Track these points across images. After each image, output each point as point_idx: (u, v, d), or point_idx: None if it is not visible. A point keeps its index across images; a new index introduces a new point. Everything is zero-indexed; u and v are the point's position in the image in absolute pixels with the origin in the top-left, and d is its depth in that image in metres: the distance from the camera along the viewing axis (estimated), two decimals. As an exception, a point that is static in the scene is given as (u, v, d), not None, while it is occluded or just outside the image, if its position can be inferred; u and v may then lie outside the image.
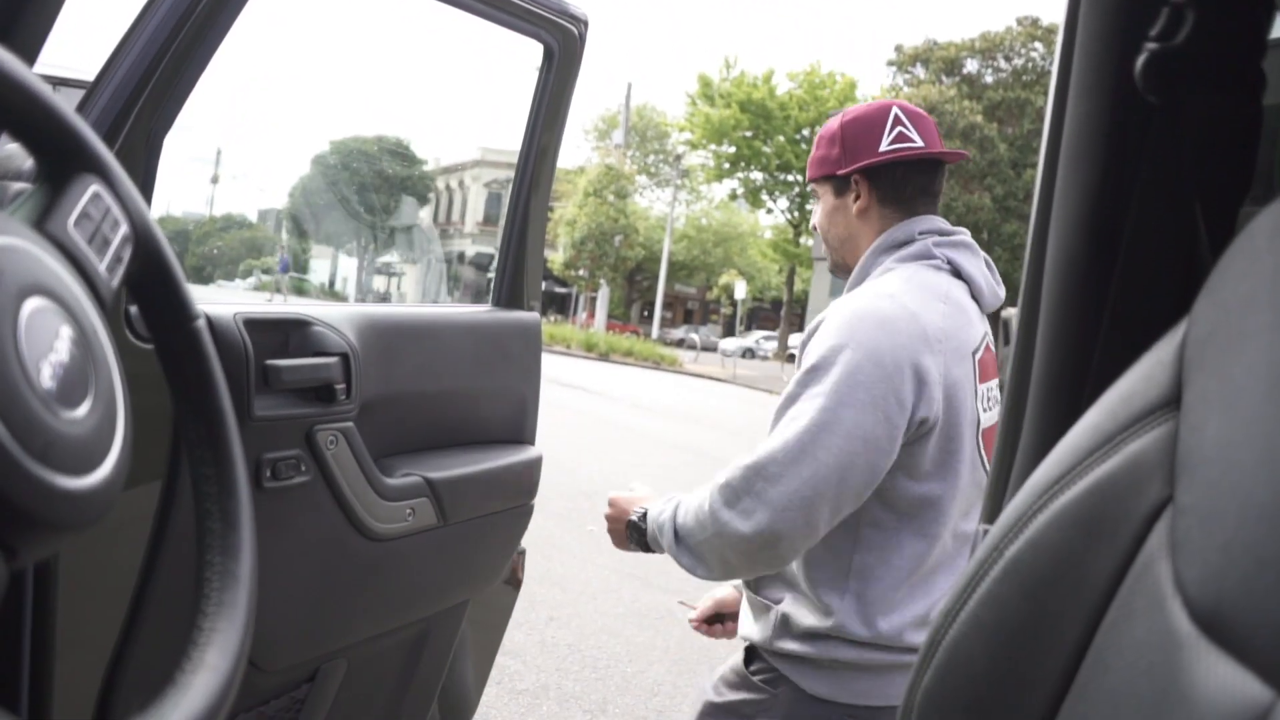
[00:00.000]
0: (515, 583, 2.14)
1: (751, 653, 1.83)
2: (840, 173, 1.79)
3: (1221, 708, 0.51)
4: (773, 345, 40.29)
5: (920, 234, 1.78)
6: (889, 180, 1.79)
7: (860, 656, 1.68)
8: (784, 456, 1.55)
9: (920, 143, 1.77)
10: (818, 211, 1.86)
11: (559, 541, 6.38)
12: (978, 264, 1.82)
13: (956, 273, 1.78)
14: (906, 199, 1.80)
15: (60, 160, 0.70)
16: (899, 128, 1.77)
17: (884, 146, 1.77)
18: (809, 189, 1.88)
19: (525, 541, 2.12)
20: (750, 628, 1.81)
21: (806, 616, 1.71)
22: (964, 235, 1.83)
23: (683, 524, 1.66)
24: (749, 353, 39.87)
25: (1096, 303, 0.82)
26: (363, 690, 1.80)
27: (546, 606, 5.12)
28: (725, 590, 2.00)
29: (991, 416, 1.76)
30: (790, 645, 1.72)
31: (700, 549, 1.64)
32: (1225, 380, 0.56)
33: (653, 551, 1.76)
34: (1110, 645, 0.61)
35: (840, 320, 1.63)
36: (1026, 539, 0.67)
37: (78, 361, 0.62)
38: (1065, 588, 0.64)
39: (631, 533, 1.77)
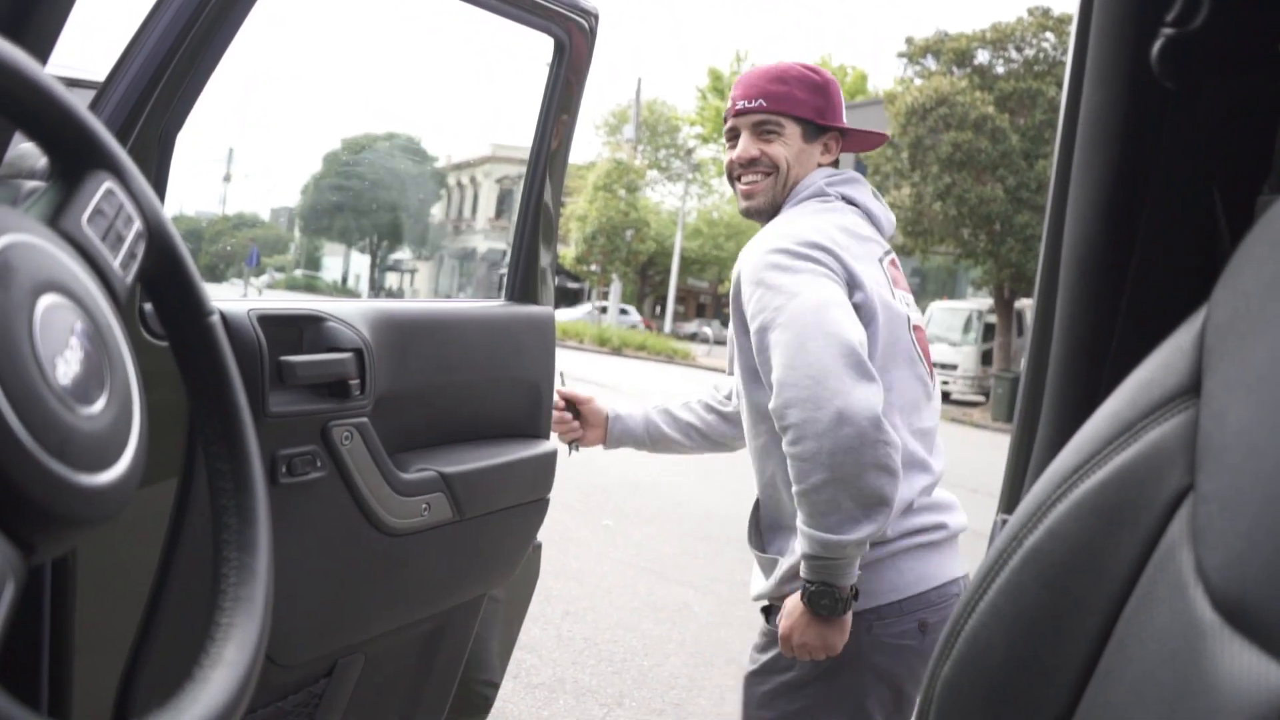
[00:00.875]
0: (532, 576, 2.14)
1: (769, 610, 1.88)
2: (825, 123, 1.89)
3: (1245, 696, 0.50)
4: (785, 338, 40.03)
5: (823, 179, 1.90)
6: (841, 147, 1.96)
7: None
8: (795, 369, 1.61)
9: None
10: (774, 145, 1.88)
11: (575, 535, 6.38)
12: (865, 193, 1.94)
13: (850, 203, 1.90)
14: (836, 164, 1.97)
15: (74, 157, 0.70)
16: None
17: (845, 116, 1.94)
18: (767, 119, 1.87)
19: (541, 536, 2.12)
20: (762, 585, 1.87)
21: (789, 545, 1.79)
22: (851, 173, 1.96)
23: (806, 524, 1.65)
24: (761, 346, 39.55)
25: (1114, 290, 0.82)
26: (380, 684, 1.80)
27: (562, 601, 5.13)
28: (602, 405, 2.12)
29: (916, 316, 1.89)
30: (794, 583, 1.75)
31: (845, 509, 1.61)
32: (1247, 367, 0.55)
33: (847, 588, 1.67)
34: (1132, 634, 0.60)
35: (753, 259, 1.74)
36: (1046, 528, 0.67)
37: (93, 358, 0.62)
38: (1085, 576, 0.64)
39: (826, 604, 1.67)
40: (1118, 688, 0.61)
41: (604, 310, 35.98)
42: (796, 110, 1.86)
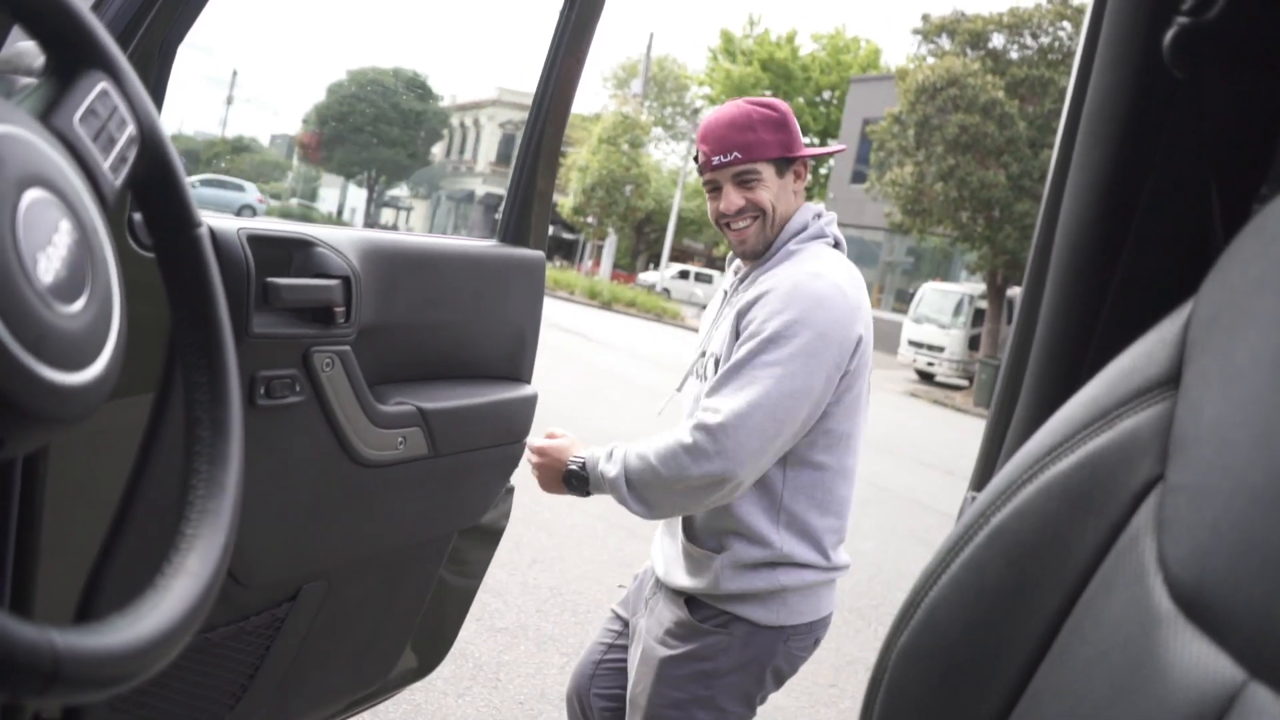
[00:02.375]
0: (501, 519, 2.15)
1: (693, 602, 2.04)
2: (795, 155, 2.01)
3: (1194, 685, 0.51)
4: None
5: (813, 218, 2.04)
6: (808, 169, 2.07)
7: (800, 579, 1.97)
8: (742, 417, 1.81)
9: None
10: (756, 191, 1.99)
11: (548, 485, 6.40)
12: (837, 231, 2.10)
13: (836, 244, 2.06)
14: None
15: (70, 55, 0.69)
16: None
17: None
18: (744, 169, 1.98)
19: (515, 483, 2.13)
20: (690, 579, 2.03)
21: (750, 553, 1.96)
22: (827, 213, 2.10)
23: (635, 472, 1.89)
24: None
25: (1103, 277, 0.82)
26: (343, 613, 1.81)
27: (531, 549, 5.16)
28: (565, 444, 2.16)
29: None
30: (737, 585, 1.97)
31: (651, 494, 1.89)
32: (1227, 362, 0.55)
33: (586, 495, 2.00)
34: (1089, 616, 0.61)
35: (786, 296, 1.87)
36: (1014, 507, 0.67)
37: (76, 257, 0.61)
38: (1049, 557, 0.64)
39: (570, 478, 1.99)
40: (1071, 668, 0.61)
41: (708, 280, 36.03)
42: (767, 154, 1.97)
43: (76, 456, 1.30)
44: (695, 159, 2.04)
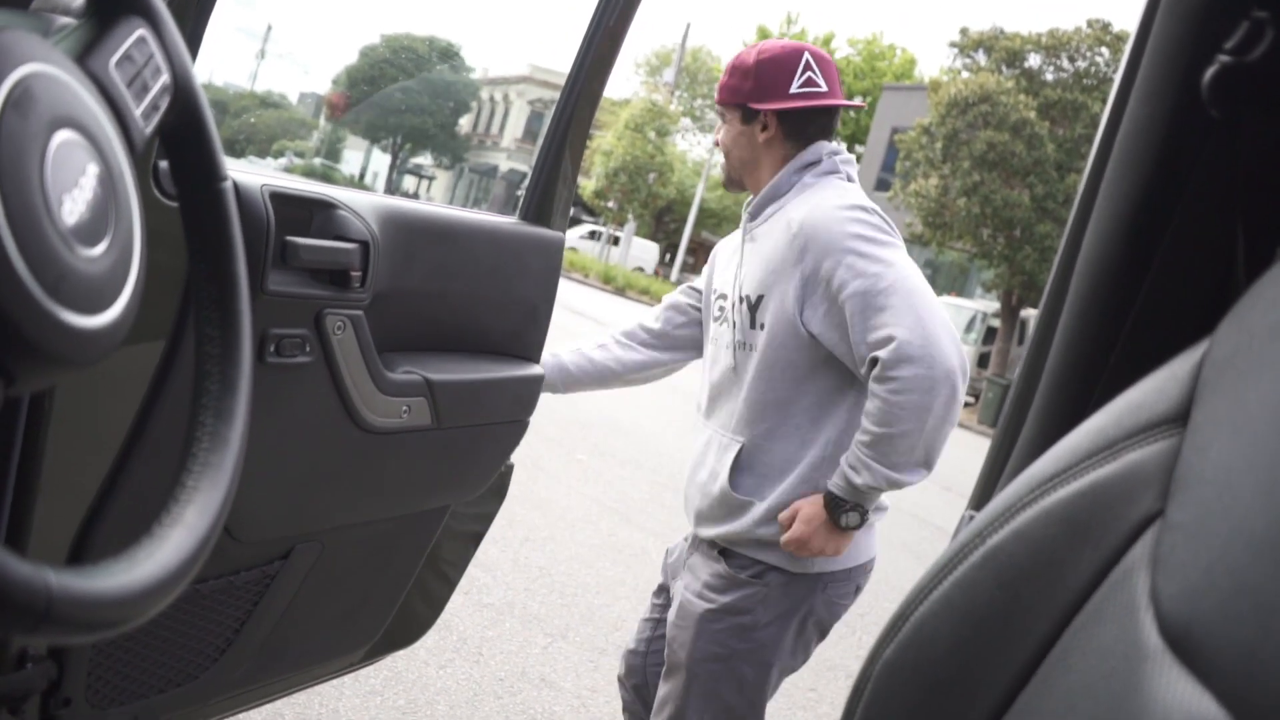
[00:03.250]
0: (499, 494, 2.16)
1: (728, 554, 2.07)
2: (752, 105, 2.07)
3: None
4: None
5: (826, 155, 2.08)
6: (795, 121, 2.07)
7: None
8: (914, 323, 1.81)
9: (825, 89, 2.06)
10: (723, 131, 2.14)
11: (547, 466, 6.41)
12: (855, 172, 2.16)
13: (849, 180, 2.11)
14: (809, 136, 2.09)
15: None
16: (808, 73, 2.06)
17: (793, 89, 2.05)
18: (717, 109, 2.12)
19: (514, 459, 2.13)
20: (724, 526, 2.05)
21: (790, 497, 1.98)
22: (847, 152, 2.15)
23: (882, 455, 1.85)
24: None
25: (1121, 308, 0.81)
26: (333, 576, 1.82)
27: (524, 527, 5.16)
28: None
29: None
30: (773, 530, 1.99)
31: (914, 453, 1.86)
32: (1237, 405, 0.55)
33: (865, 516, 1.95)
34: (1076, 646, 0.61)
35: (831, 228, 1.92)
36: (1011, 529, 0.67)
37: (100, 201, 0.61)
38: (1041, 583, 0.64)
39: (838, 512, 1.92)
40: (1053, 695, 0.61)
41: (615, 241, 35.94)
42: (732, 99, 2.08)
43: (83, 397, 1.31)
44: None
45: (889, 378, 1.80)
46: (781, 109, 2.05)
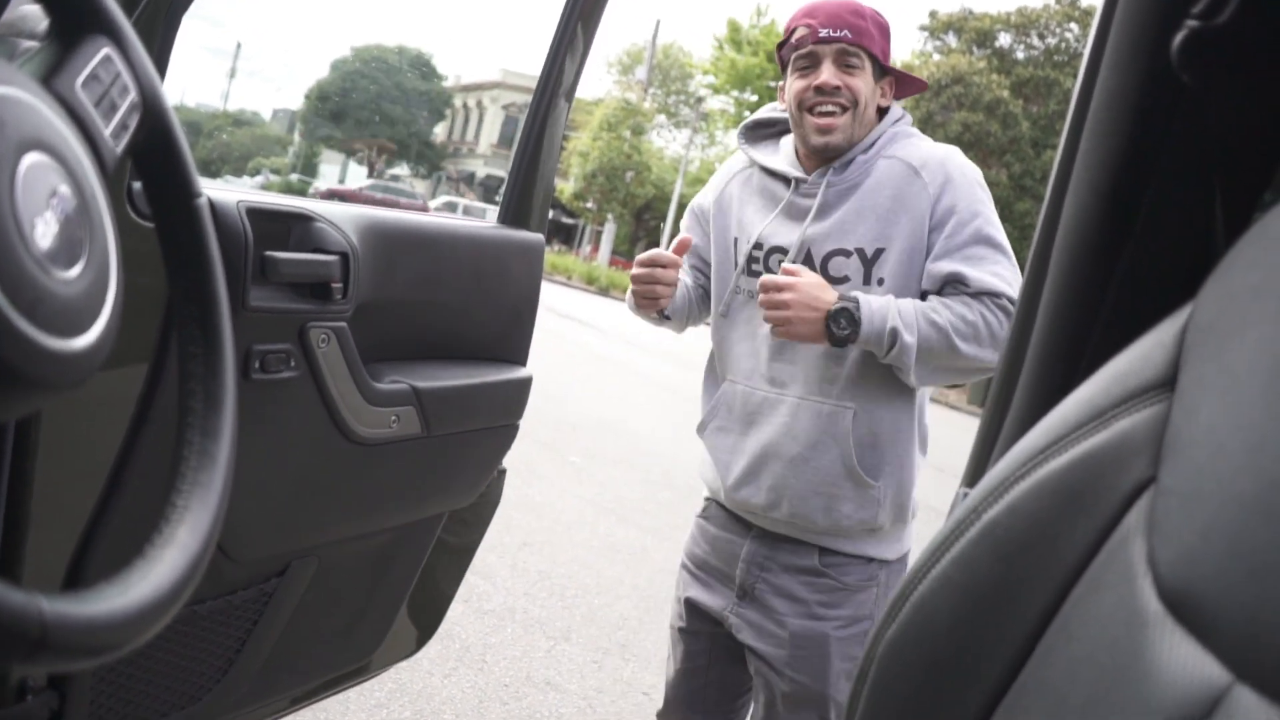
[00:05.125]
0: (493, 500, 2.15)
1: (826, 557, 1.92)
2: (887, 66, 1.94)
3: (1180, 686, 0.51)
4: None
5: (904, 112, 2.00)
6: (893, 91, 2.00)
7: (916, 503, 1.97)
8: (996, 323, 1.75)
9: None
10: (858, 79, 1.90)
11: (540, 469, 6.41)
12: None
13: None
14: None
15: (74, 18, 0.69)
16: None
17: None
18: (850, 49, 1.89)
19: (506, 465, 2.13)
20: (836, 516, 1.88)
21: (907, 479, 1.91)
22: None
23: (929, 340, 1.75)
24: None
25: (1103, 278, 0.82)
26: (331, 590, 1.81)
27: (521, 532, 5.16)
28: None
29: None
30: (891, 517, 1.90)
31: (933, 364, 1.77)
32: (1223, 367, 0.55)
33: (845, 343, 1.78)
34: (1076, 616, 0.61)
35: (962, 167, 1.87)
36: (1005, 504, 0.67)
37: (73, 222, 0.61)
38: (1039, 555, 0.64)
39: (840, 316, 1.76)
40: (1056, 666, 0.61)
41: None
42: (873, 46, 1.88)
43: (69, 423, 1.30)
44: (781, 44, 1.95)
45: (995, 295, 1.75)
46: (898, 74, 2.00)
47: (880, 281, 1.85)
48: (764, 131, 2.11)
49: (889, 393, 1.87)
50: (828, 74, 1.85)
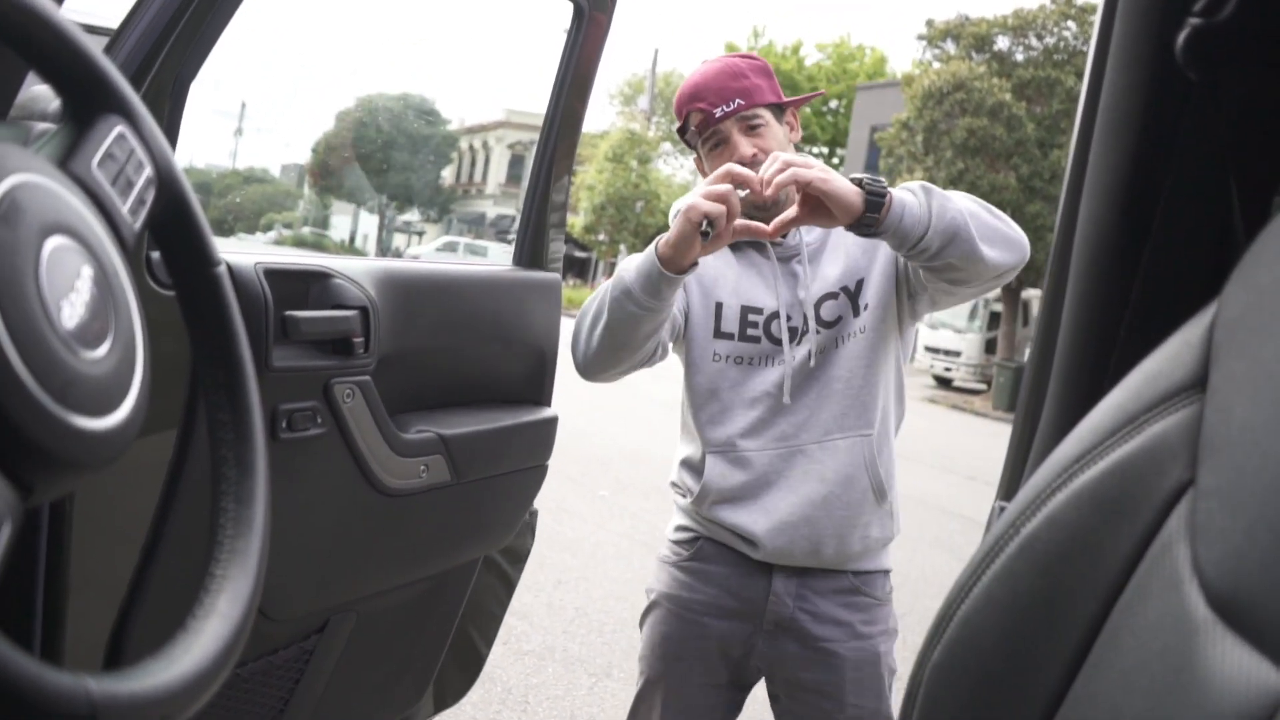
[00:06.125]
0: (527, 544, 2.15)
1: (860, 575, 1.90)
2: (782, 101, 1.89)
3: (1237, 694, 0.50)
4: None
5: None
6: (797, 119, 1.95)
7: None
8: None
9: None
10: (766, 138, 1.85)
11: (570, 506, 6.40)
12: None
13: None
14: None
15: (86, 100, 0.70)
16: None
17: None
18: (749, 115, 1.84)
19: (537, 504, 2.13)
20: (871, 540, 1.88)
21: (895, 490, 1.91)
22: None
23: (954, 218, 1.64)
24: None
25: (1124, 281, 0.81)
26: (372, 643, 1.81)
27: (555, 570, 5.15)
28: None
29: None
30: (893, 528, 1.92)
31: (951, 235, 1.62)
32: (1255, 363, 0.55)
33: (873, 228, 1.63)
34: (1124, 626, 0.60)
35: None
36: (1044, 516, 0.67)
37: (98, 302, 0.61)
38: (1081, 566, 0.64)
39: (873, 211, 1.61)
40: (1107, 679, 0.61)
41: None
42: (765, 99, 1.86)
43: (102, 495, 1.31)
44: (680, 131, 1.91)
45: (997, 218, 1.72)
46: (794, 103, 1.93)
47: (866, 306, 1.86)
48: None
49: (886, 399, 1.89)
50: (742, 147, 1.83)
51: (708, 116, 1.83)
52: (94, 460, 0.59)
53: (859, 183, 1.62)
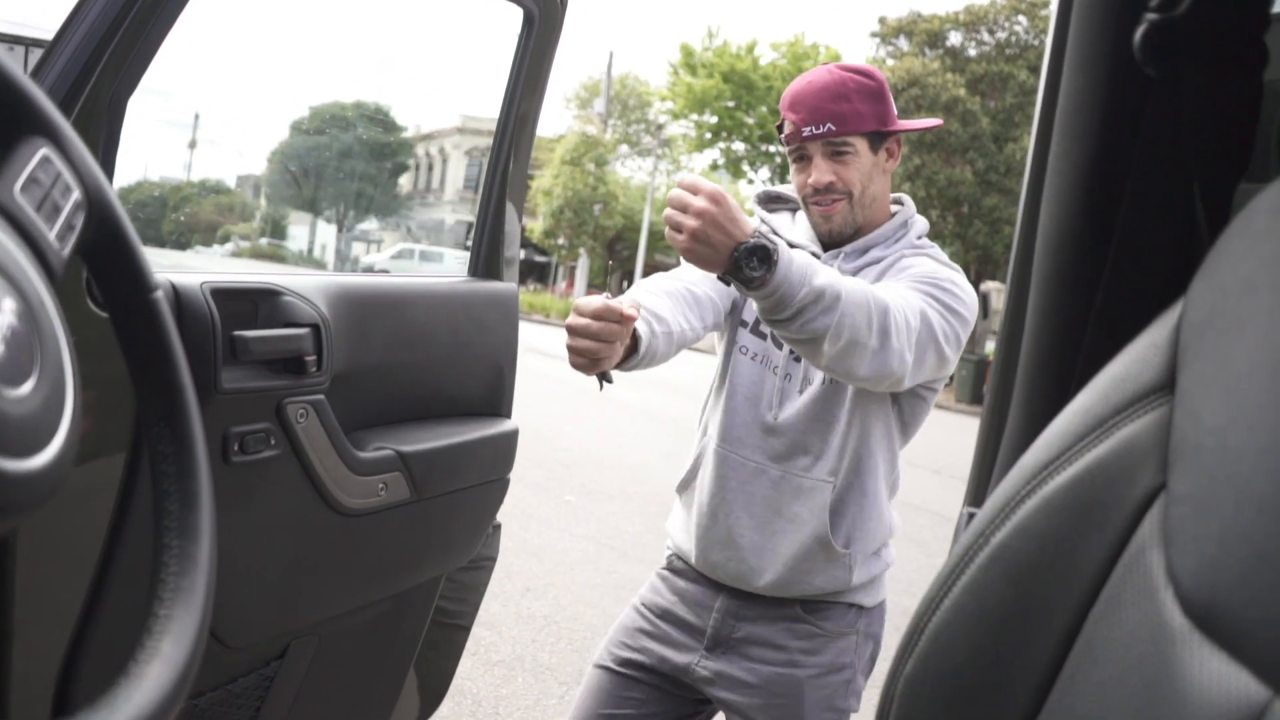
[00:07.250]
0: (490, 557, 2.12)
1: (808, 605, 1.87)
2: (890, 129, 1.84)
3: (1216, 705, 0.49)
4: (752, 317, 40.24)
5: (915, 211, 1.94)
6: (900, 146, 1.89)
7: (891, 550, 1.93)
8: (917, 333, 1.65)
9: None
10: (850, 169, 1.81)
11: (536, 512, 6.36)
12: None
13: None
14: None
15: (6, 123, 0.66)
16: None
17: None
18: (837, 142, 1.79)
19: (502, 512, 2.10)
20: (812, 584, 1.84)
21: (878, 536, 1.86)
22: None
23: (847, 300, 1.52)
24: (728, 324, 39.74)
25: (1089, 282, 0.80)
26: (335, 667, 1.78)
27: (523, 578, 5.11)
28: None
29: None
30: (866, 573, 1.87)
31: (839, 325, 1.51)
32: (1223, 365, 0.54)
33: (753, 282, 1.47)
34: (1099, 636, 0.59)
35: (931, 266, 1.81)
36: (1014, 525, 0.65)
37: (22, 336, 0.58)
38: (1053, 575, 0.62)
39: (757, 252, 1.45)
40: (1084, 691, 0.59)
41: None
42: (863, 127, 1.80)
43: (45, 529, 1.27)
44: (778, 127, 1.86)
45: (932, 314, 1.70)
46: (906, 130, 1.88)
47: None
48: (778, 205, 2.03)
49: (871, 461, 1.84)
50: (819, 171, 1.80)
51: (795, 131, 1.81)
52: (22, 504, 0.56)
53: (743, 255, 1.46)
